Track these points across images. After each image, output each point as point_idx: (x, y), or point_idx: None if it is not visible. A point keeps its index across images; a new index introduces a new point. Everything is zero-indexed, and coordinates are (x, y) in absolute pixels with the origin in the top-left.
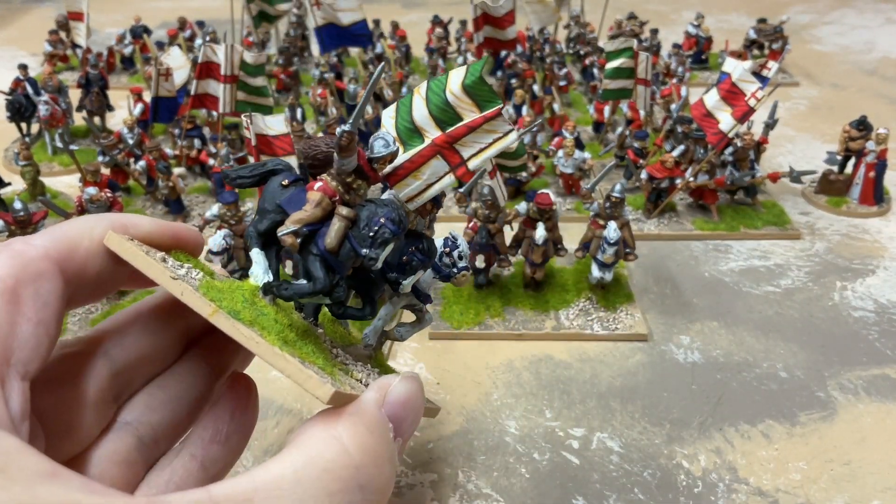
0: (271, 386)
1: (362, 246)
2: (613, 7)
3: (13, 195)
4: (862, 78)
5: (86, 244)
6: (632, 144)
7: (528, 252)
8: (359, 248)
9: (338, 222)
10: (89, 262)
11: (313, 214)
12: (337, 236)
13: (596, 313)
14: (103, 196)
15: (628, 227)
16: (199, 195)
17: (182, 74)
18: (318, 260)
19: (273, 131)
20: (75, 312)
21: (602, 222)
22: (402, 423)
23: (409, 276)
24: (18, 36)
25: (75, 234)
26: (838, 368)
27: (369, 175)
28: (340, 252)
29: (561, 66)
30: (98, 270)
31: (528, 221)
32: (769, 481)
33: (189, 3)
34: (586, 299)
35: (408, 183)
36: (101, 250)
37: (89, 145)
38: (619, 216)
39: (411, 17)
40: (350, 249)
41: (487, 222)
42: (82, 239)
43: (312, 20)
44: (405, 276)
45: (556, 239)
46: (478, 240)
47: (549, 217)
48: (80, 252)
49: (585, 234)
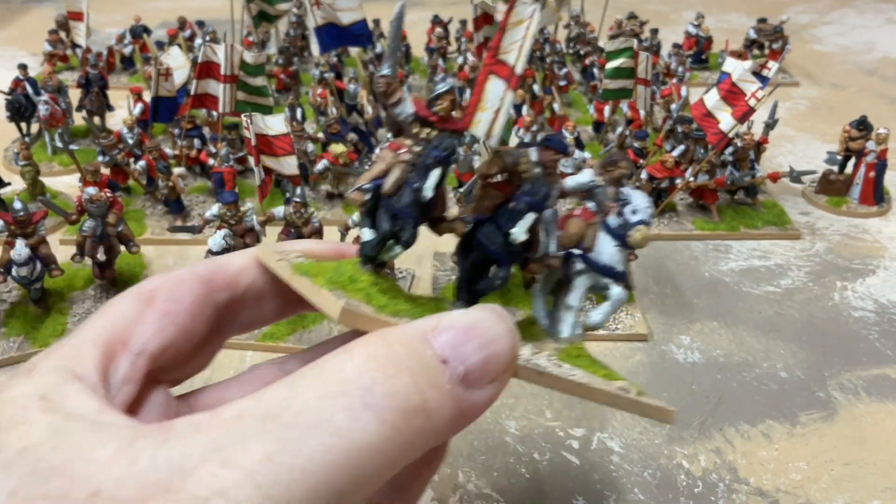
0: None
1: (414, 182)
2: (613, 7)
3: (13, 195)
4: (862, 78)
5: (238, 261)
6: (632, 144)
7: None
8: (412, 184)
9: (397, 167)
10: (241, 276)
11: (377, 170)
12: (393, 178)
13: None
14: (103, 196)
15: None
16: (199, 195)
17: (182, 74)
18: (383, 210)
19: (273, 131)
20: (75, 313)
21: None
22: (458, 348)
23: (516, 222)
24: (18, 36)
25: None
26: (838, 368)
27: (432, 121)
28: (399, 194)
29: (561, 66)
30: (249, 283)
31: None
32: (769, 481)
33: (189, 2)
34: (586, 299)
35: (479, 119)
36: (254, 264)
37: (89, 145)
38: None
39: (411, 16)
40: (406, 189)
41: None
42: (236, 257)
43: (312, 20)
44: (512, 224)
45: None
46: None
47: None
48: (230, 267)
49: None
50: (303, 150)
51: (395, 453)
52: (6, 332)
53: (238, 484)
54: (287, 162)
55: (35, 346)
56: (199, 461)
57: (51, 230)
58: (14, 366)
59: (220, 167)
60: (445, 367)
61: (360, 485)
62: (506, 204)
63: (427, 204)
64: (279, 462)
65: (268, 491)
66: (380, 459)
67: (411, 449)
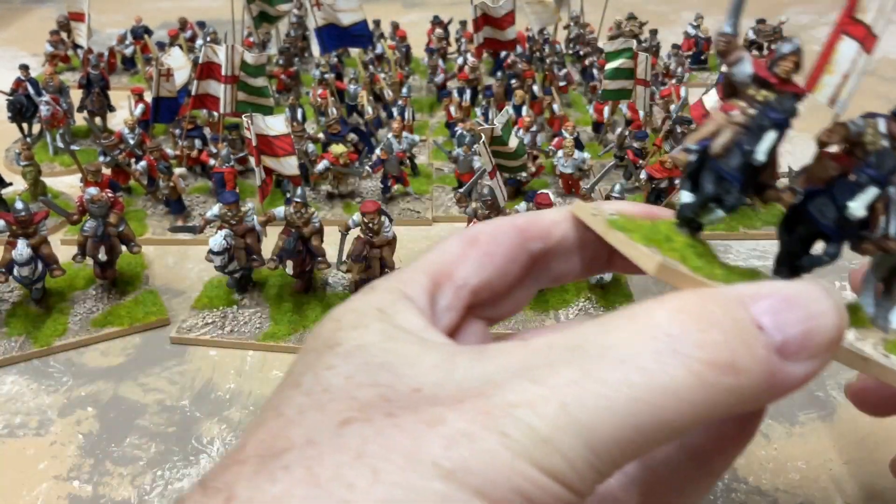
0: (272, 385)
1: (746, 144)
2: (613, 8)
3: (14, 195)
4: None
5: (552, 215)
6: (631, 145)
7: None
8: (742, 147)
9: (728, 129)
10: (553, 228)
11: (706, 130)
12: (723, 140)
13: (595, 313)
14: (104, 196)
15: None
16: (200, 195)
17: (183, 75)
18: (708, 172)
19: (273, 131)
20: (76, 313)
21: None
22: (778, 315)
23: (855, 195)
24: (19, 36)
25: (548, 211)
26: (837, 368)
27: (773, 83)
28: (728, 156)
29: (561, 67)
30: (560, 236)
31: None
32: (768, 481)
33: (190, 3)
34: (586, 299)
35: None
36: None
37: (90, 145)
38: None
39: (411, 17)
40: (736, 152)
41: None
42: (551, 212)
43: (313, 21)
44: (850, 197)
45: None
46: None
47: None
48: (545, 219)
49: None
50: (303, 150)
51: (699, 406)
52: (8, 331)
53: (545, 399)
54: (287, 162)
55: (36, 346)
56: (510, 376)
57: (52, 230)
58: (15, 365)
59: (220, 167)
60: (761, 332)
61: (660, 427)
62: (843, 177)
63: (756, 168)
64: (585, 387)
65: (572, 411)
66: (682, 407)
67: (714, 406)
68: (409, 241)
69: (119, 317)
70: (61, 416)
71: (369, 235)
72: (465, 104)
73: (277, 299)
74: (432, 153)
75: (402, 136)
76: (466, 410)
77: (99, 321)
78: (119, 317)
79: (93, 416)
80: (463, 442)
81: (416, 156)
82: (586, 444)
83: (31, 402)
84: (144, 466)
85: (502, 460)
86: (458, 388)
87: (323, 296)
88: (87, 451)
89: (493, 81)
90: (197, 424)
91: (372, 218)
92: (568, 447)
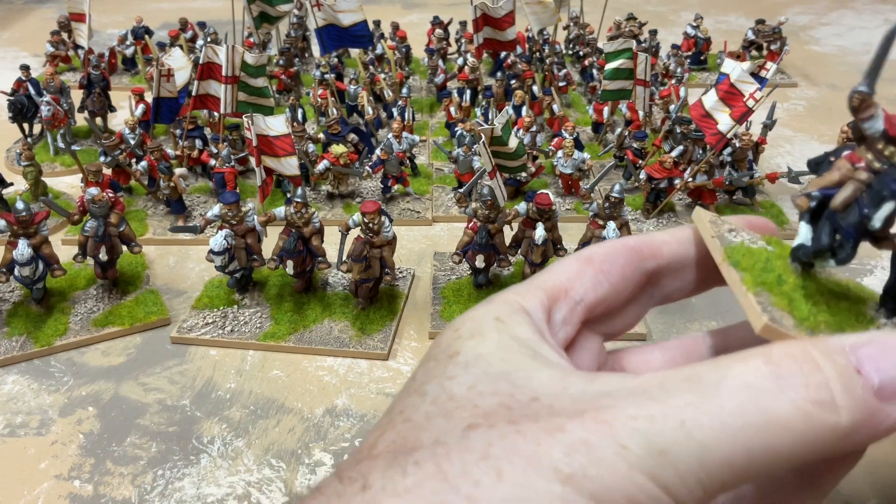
0: (272, 385)
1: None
2: (612, 8)
3: (15, 195)
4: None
5: (662, 235)
6: (631, 145)
7: (528, 252)
8: (861, 208)
9: (850, 184)
10: (664, 247)
11: (829, 178)
12: (844, 196)
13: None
14: (105, 196)
15: (627, 227)
16: (201, 195)
17: (183, 75)
18: (826, 221)
19: (274, 132)
20: (77, 313)
21: (601, 222)
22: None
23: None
24: (20, 37)
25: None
26: None
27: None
28: (847, 212)
29: (560, 67)
30: (672, 255)
31: (528, 221)
32: None
33: (190, 4)
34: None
35: None
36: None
37: (91, 146)
38: (618, 216)
39: (411, 17)
40: (855, 210)
41: (487, 222)
42: (660, 233)
43: (313, 21)
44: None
45: (556, 239)
46: (477, 240)
47: (549, 217)
48: (656, 239)
49: (585, 235)
50: (303, 150)
51: (803, 440)
52: (8, 331)
53: (664, 415)
54: (288, 162)
55: (37, 346)
56: (627, 394)
57: (53, 230)
58: (16, 365)
59: (221, 168)
60: (860, 376)
61: (769, 454)
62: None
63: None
64: (702, 409)
65: (690, 429)
66: (789, 438)
67: (817, 440)
68: (409, 241)
69: (120, 317)
70: (62, 415)
71: (369, 235)
72: (465, 104)
73: (278, 299)
74: (432, 153)
75: (402, 137)
76: (586, 420)
77: (100, 321)
78: (120, 317)
79: (93, 415)
80: (582, 449)
81: (416, 156)
82: (700, 461)
83: (32, 401)
84: (145, 466)
85: (618, 468)
86: (573, 402)
87: (323, 296)
88: (88, 451)
89: (492, 82)
90: (197, 424)
91: (372, 218)
92: (682, 462)
